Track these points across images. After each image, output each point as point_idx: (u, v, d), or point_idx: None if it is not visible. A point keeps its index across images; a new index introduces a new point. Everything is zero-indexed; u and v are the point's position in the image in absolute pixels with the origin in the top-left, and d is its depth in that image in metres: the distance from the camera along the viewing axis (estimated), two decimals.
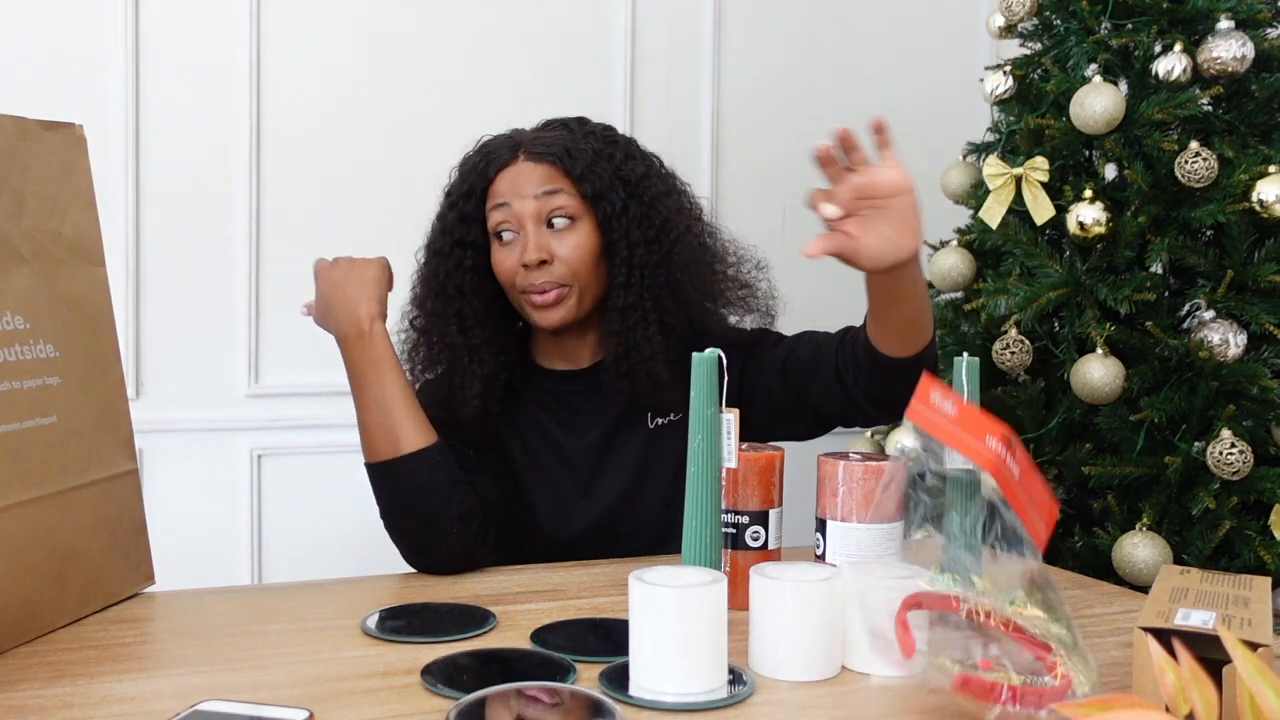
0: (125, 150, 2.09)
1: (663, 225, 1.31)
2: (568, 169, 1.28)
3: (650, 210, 1.31)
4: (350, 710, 0.80)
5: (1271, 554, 1.66)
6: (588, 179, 1.28)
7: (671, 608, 0.81)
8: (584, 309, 1.32)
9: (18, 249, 0.95)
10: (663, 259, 1.30)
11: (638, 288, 1.29)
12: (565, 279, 1.29)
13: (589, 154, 1.30)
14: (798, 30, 2.56)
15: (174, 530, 2.17)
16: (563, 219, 1.28)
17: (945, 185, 2.08)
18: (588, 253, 1.29)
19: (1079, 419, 1.82)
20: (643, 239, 1.30)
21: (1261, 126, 1.84)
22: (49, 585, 0.96)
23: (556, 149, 1.29)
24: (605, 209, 1.29)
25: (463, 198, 1.34)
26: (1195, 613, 0.75)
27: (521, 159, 1.30)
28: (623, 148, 1.35)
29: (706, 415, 0.98)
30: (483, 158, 1.33)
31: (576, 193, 1.29)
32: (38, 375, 0.95)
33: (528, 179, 1.29)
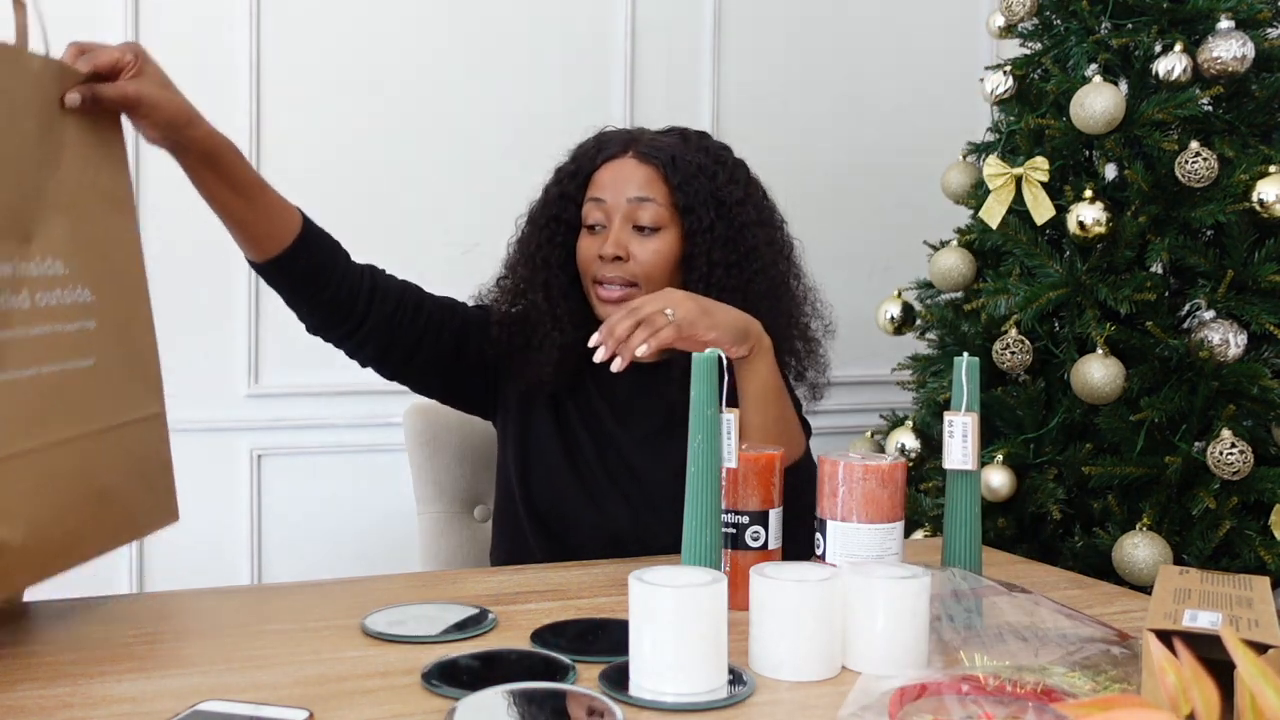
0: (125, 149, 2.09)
1: (747, 253, 1.34)
2: (668, 175, 1.33)
3: (737, 235, 1.34)
4: (350, 710, 0.80)
5: (1272, 554, 1.66)
6: (684, 189, 1.33)
7: (671, 608, 0.81)
8: None
9: (56, 197, 0.95)
10: (741, 285, 1.33)
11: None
12: (636, 278, 1.33)
13: (693, 166, 1.34)
14: (798, 30, 2.56)
15: (174, 530, 2.17)
16: (649, 225, 1.33)
17: (945, 185, 2.08)
18: (665, 259, 1.33)
19: (1079, 419, 1.82)
20: (724, 260, 1.33)
21: (1262, 126, 1.84)
22: (87, 519, 0.99)
23: (664, 154, 1.34)
24: (693, 222, 1.33)
25: (568, 177, 1.40)
26: (1203, 614, 0.75)
27: (630, 155, 1.36)
28: (729, 169, 1.38)
29: (706, 415, 0.98)
30: (596, 145, 1.40)
31: (670, 202, 1.33)
32: (76, 319, 0.97)
33: (628, 178, 1.34)
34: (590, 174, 1.38)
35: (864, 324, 2.18)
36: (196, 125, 1.06)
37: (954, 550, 1.06)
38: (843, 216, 2.56)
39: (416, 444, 1.65)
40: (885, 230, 2.56)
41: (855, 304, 2.10)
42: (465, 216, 2.29)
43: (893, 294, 2.10)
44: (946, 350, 2.02)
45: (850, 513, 1.03)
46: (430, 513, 1.63)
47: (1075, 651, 0.88)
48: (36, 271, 0.92)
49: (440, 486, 1.64)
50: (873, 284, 2.45)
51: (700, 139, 1.41)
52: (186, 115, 1.05)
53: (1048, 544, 1.84)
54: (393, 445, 2.04)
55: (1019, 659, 0.87)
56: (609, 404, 1.41)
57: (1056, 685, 0.80)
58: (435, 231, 2.28)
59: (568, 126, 2.39)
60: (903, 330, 2.10)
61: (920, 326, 2.08)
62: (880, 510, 1.03)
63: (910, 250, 2.21)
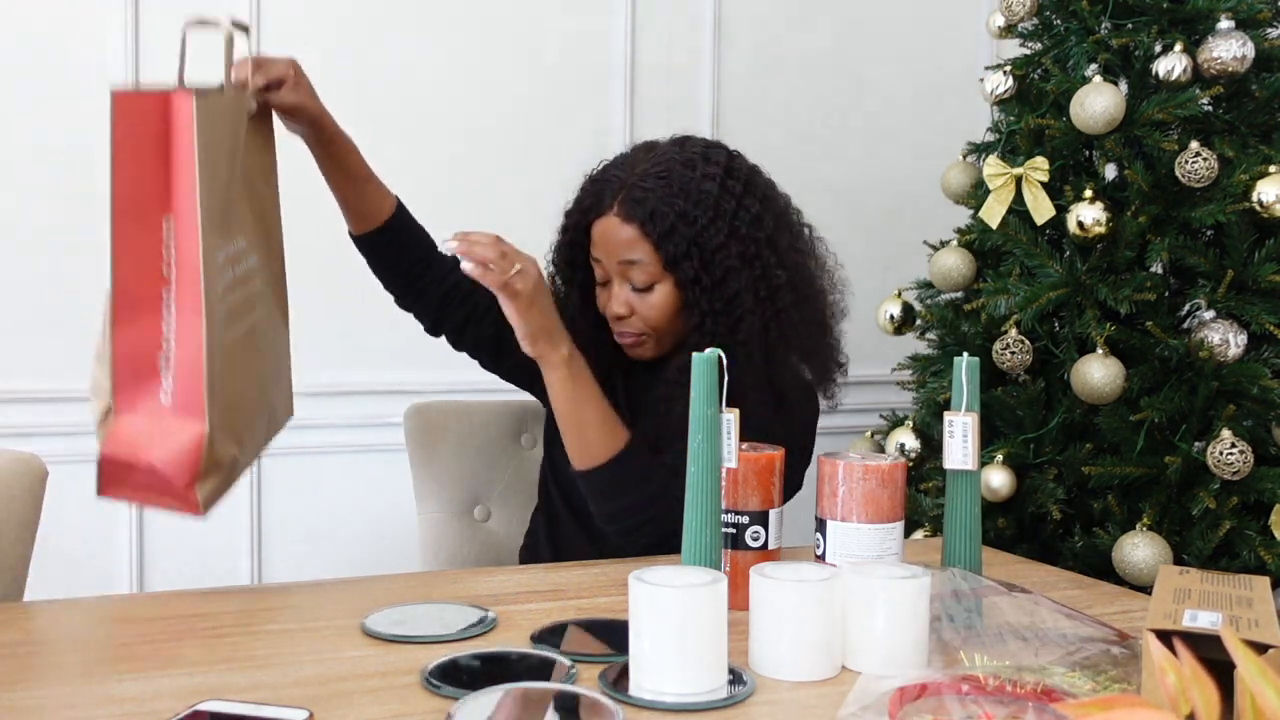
0: None
1: (730, 299, 1.35)
2: (648, 232, 1.34)
3: (721, 283, 1.35)
4: (350, 710, 0.80)
5: (1272, 554, 1.66)
6: (664, 245, 1.34)
7: (671, 608, 0.81)
8: (665, 348, 1.42)
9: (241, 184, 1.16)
10: (728, 330, 1.35)
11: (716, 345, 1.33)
12: (644, 330, 1.39)
13: (671, 216, 1.33)
14: (797, 30, 2.56)
15: (174, 530, 2.17)
16: (641, 286, 1.37)
17: (945, 185, 2.08)
18: (666, 310, 1.38)
19: (1079, 419, 1.82)
20: (711, 310, 1.35)
21: (1262, 126, 1.84)
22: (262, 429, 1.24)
23: (642, 211, 1.34)
24: (681, 275, 1.35)
25: (572, 227, 1.44)
26: (1203, 614, 0.75)
27: (614, 212, 1.36)
28: (712, 207, 1.35)
29: (706, 415, 0.98)
30: (590, 195, 1.41)
31: (656, 257, 1.35)
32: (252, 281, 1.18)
33: (615, 239, 1.36)
34: (587, 228, 1.41)
35: (864, 324, 2.18)
36: (328, 125, 1.34)
37: (954, 550, 1.06)
38: (843, 216, 2.55)
39: (416, 444, 1.65)
40: (885, 230, 2.56)
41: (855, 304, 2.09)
42: (465, 216, 2.27)
43: (893, 294, 2.10)
44: (946, 350, 2.02)
45: (850, 513, 1.03)
46: (430, 513, 1.63)
47: (1075, 651, 0.88)
48: (233, 250, 1.13)
49: (440, 486, 1.64)
50: (873, 284, 2.45)
51: (685, 171, 1.36)
52: (323, 118, 1.33)
53: (1048, 544, 1.84)
54: (393, 445, 2.04)
55: (1019, 659, 0.87)
56: (628, 398, 1.46)
57: (1056, 685, 0.80)
58: (435, 231, 2.27)
59: (567, 126, 2.40)
60: (903, 330, 2.10)
61: (920, 326, 2.08)
62: (880, 510, 1.03)
63: (910, 250, 2.21)
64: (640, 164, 1.39)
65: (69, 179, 2.08)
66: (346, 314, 2.04)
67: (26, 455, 1.22)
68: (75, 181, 2.08)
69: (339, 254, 2.38)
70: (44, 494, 1.23)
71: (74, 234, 2.09)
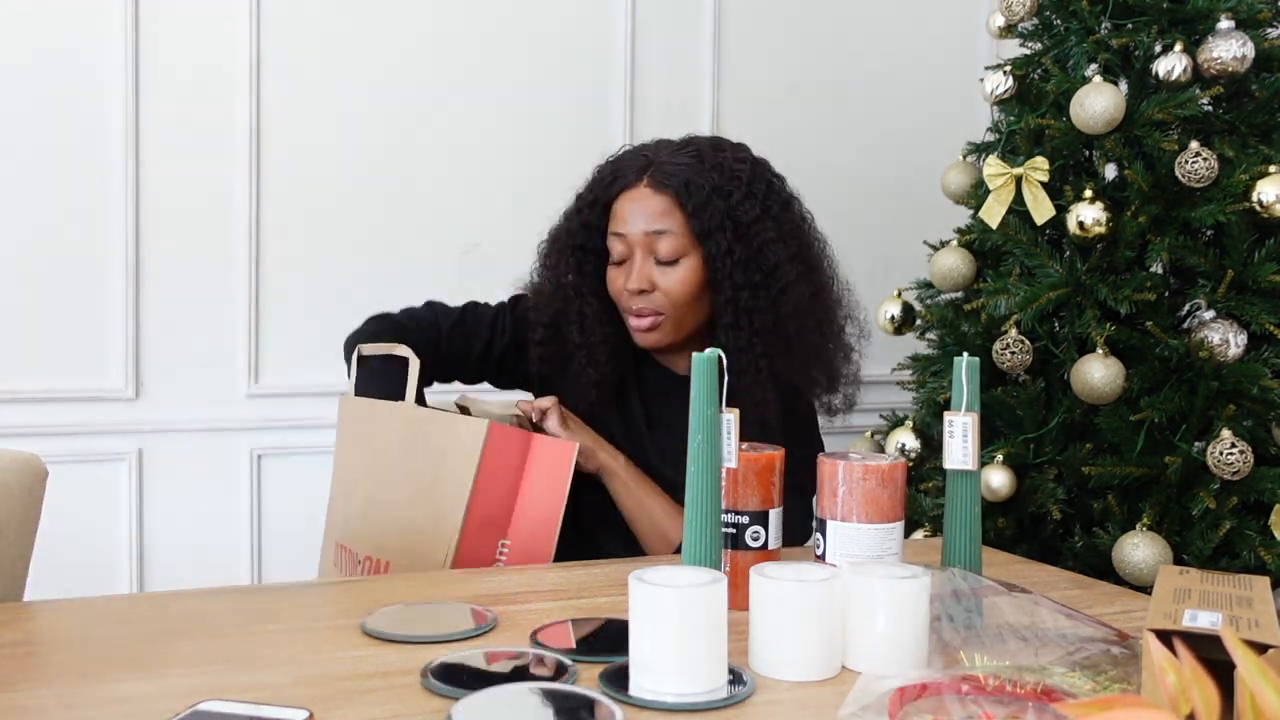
0: (125, 150, 2.09)
1: (770, 272, 1.34)
2: (682, 202, 1.33)
3: (757, 255, 1.34)
4: (350, 710, 0.80)
5: (1272, 554, 1.66)
6: (699, 215, 1.33)
7: (671, 608, 0.81)
8: (680, 335, 1.40)
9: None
10: (769, 305, 1.34)
11: (746, 331, 1.34)
12: (663, 308, 1.37)
13: (706, 189, 1.33)
14: (797, 30, 2.56)
15: (174, 530, 2.17)
16: (667, 258, 1.35)
17: (945, 185, 2.08)
18: (690, 286, 1.36)
19: (1079, 419, 1.82)
20: (747, 282, 1.34)
21: (1261, 126, 1.84)
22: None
23: (676, 181, 1.34)
24: (712, 248, 1.33)
25: (588, 206, 1.41)
26: (1203, 614, 0.75)
27: (645, 183, 1.36)
28: (745, 184, 1.36)
29: (706, 415, 0.98)
30: (613, 172, 1.39)
31: (687, 230, 1.34)
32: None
33: (644, 209, 1.35)
34: (609, 203, 1.39)
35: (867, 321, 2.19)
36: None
37: (954, 550, 1.06)
38: (843, 216, 2.54)
39: None
40: (885, 230, 2.56)
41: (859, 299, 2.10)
42: (465, 217, 2.29)
43: (893, 294, 2.10)
44: (946, 350, 2.02)
45: (850, 513, 1.03)
46: None
47: (1075, 651, 0.88)
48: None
49: None
50: (873, 284, 2.45)
51: (715, 153, 1.38)
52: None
53: (1048, 544, 1.84)
54: None
55: (1019, 659, 0.87)
56: (645, 410, 1.45)
57: (1056, 685, 0.80)
58: (435, 231, 2.28)
59: (568, 126, 2.40)
60: (903, 330, 2.10)
61: (920, 326, 2.08)
62: (880, 510, 1.03)
63: (910, 250, 2.21)
64: (665, 149, 1.40)
65: (69, 180, 2.08)
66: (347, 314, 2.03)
67: (26, 455, 1.22)
68: (76, 182, 2.09)
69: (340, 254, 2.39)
70: (44, 494, 1.23)
71: (74, 234, 2.09)
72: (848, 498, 1.03)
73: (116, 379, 2.11)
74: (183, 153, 2.13)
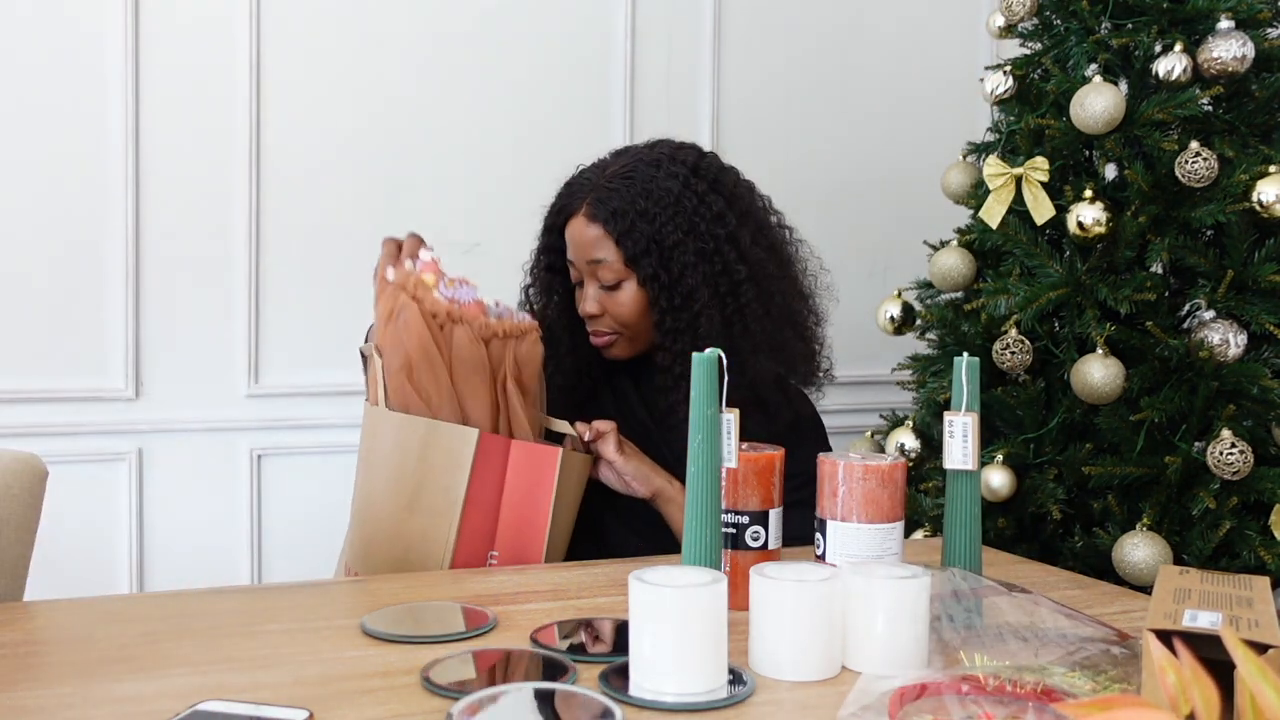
0: (125, 150, 2.09)
1: (688, 294, 1.38)
2: (610, 231, 1.38)
3: (678, 280, 1.38)
4: (350, 710, 0.80)
5: (1272, 554, 1.66)
6: (624, 243, 1.38)
7: (671, 608, 0.81)
8: (640, 347, 1.45)
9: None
10: (687, 326, 1.38)
11: (671, 350, 1.38)
12: (616, 329, 1.43)
13: (631, 215, 1.38)
14: (798, 30, 2.56)
15: (174, 530, 2.17)
16: (609, 284, 1.40)
17: (945, 185, 2.08)
18: (634, 308, 1.41)
19: (1079, 419, 1.82)
20: (670, 306, 1.38)
21: (1261, 126, 1.84)
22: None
23: (605, 210, 1.38)
24: (642, 271, 1.38)
25: (546, 231, 1.49)
26: (1203, 614, 0.75)
27: (583, 213, 1.41)
28: (672, 204, 1.38)
29: (706, 415, 0.98)
30: (561, 200, 1.45)
31: (619, 256, 1.39)
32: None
33: (583, 238, 1.40)
34: (561, 229, 1.45)
35: (864, 324, 2.18)
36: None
37: (954, 550, 1.06)
38: (843, 216, 2.56)
39: None
40: (885, 230, 2.56)
41: (855, 304, 2.10)
42: (465, 216, 2.29)
43: (893, 294, 2.10)
44: (946, 350, 2.02)
45: (850, 513, 1.03)
46: None
47: (1075, 651, 0.88)
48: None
49: None
50: (873, 284, 2.45)
51: (649, 170, 1.40)
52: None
53: (1048, 544, 1.84)
54: None
55: (1019, 659, 0.87)
56: (646, 403, 1.47)
57: (1056, 685, 0.80)
58: (435, 231, 2.27)
59: (568, 126, 2.40)
60: (903, 330, 2.10)
61: (920, 326, 2.08)
62: (880, 510, 1.03)
63: (910, 250, 2.21)
64: (611, 166, 1.43)
65: (70, 180, 2.08)
66: (348, 315, 2.03)
67: (26, 455, 1.22)
68: (76, 182, 2.09)
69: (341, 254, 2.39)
70: (44, 494, 1.23)
71: (74, 234, 2.09)
72: (848, 498, 1.03)
73: (116, 379, 2.11)
74: (183, 153, 2.13)
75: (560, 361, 1.47)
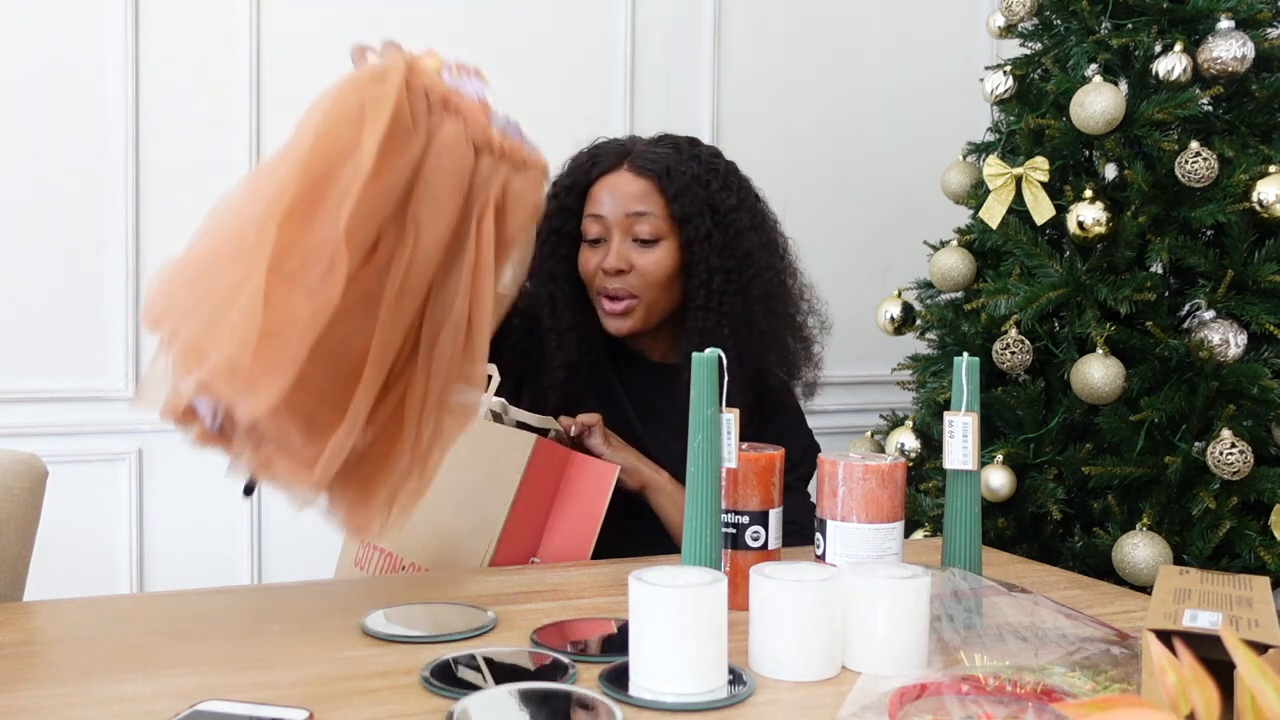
0: (125, 150, 2.09)
1: (744, 258, 1.38)
2: (664, 186, 1.37)
3: (733, 241, 1.37)
4: (350, 710, 0.80)
5: (1272, 554, 1.66)
6: (680, 200, 1.36)
7: (671, 608, 0.81)
8: (651, 321, 1.41)
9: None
10: (741, 289, 1.37)
11: (716, 313, 1.36)
12: (638, 290, 1.38)
13: (687, 176, 1.37)
14: (797, 30, 2.56)
15: (174, 530, 2.17)
16: (648, 238, 1.37)
17: (945, 185, 2.08)
18: (665, 269, 1.38)
19: (1079, 419, 1.82)
20: (722, 266, 1.37)
21: (1262, 126, 1.84)
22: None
23: (659, 165, 1.37)
24: (690, 232, 1.36)
25: (565, 190, 1.42)
26: (1203, 614, 0.75)
27: (625, 168, 1.39)
28: (721, 176, 1.41)
29: (706, 415, 0.98)
30: (591, 158, 1.42)
31: (667, 213, 1.37)
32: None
33: (625, 192, 1.38)
34: (587, 187, 1.41)
35: (864, 324, 2.18)
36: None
37: (954, 550, 1.06)
38: (843, 216, 2.56)
39: None
40: (885, 230, 2.56)
41: (855, 304, 2.10)
42: None
43: (893, 294, 2.10)
44: (946, 350, 2.02)
45: (850, 513, 1.03)
46: None
47: (1075, 651, 0.88)
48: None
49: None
50: (873, 284, 2.45)
51: (691, 146, 1.43)
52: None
53: (1048, 544, 1.84)
54: None
55: (1019, 659, 0.87)
56: (633, 402, 1.45)
57: (1056, 685, 0.80)
58: None
59: (568, 127, 2.39)
60: (903, 330, 2.10)
61: (920, 326, 2.08)
62: (880, 510, 1.03)
63: (910, 250, 2.21)
64: (640, 141, 1.44)
65: (70, 180, 2.08)
66: None
67: (26, 455, 1.22)
68: (76, 182, 2.09)
69: None
70: (44, 494, 1.23)
71: (74, 235, 2.09)
72: (848, 498, 1.03)
73: (116, 379, 2.11)
74: (183, 152, 2.13)
75: (563, 336, 1.41)
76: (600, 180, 1.40)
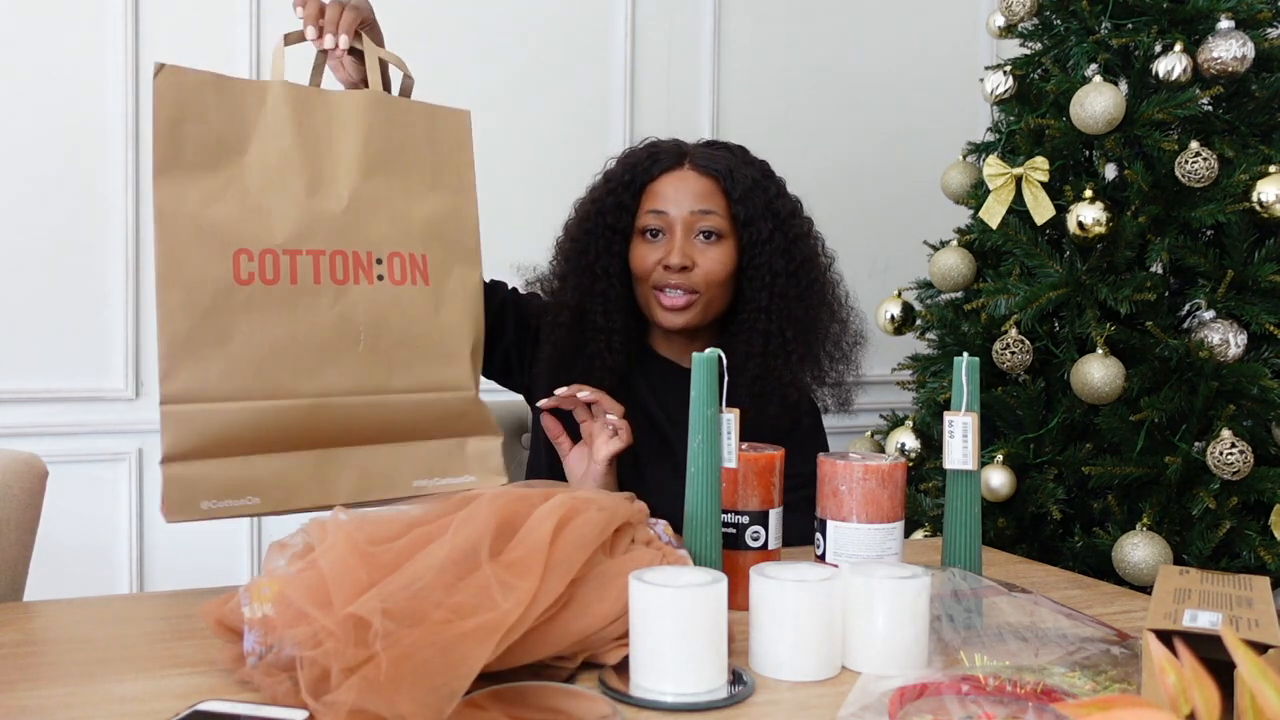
0: (125, 150, 2.09)
1: (804, 262, 1.40)
2: (728, 188, 1.38)
3: (793, 245, 1.40)
4: None
5: (1271, 554, 1.66)
6: (743, 202, 1.38)
7: (671, 608, 0.81)
8: (706, 318, 1.42)
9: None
10: (801, 293, 1.39)
11: (778, 315, 1.38)
12: (698, 287, 1.38)
13: (749, 180, 1.39)
14: (798, 30, 2.56)
15: (174, 530, 2.17)
16: (711, 234, 1.38)
17: (945, 185, 2.08)
18: (725, 268, 1.39)
19: (1079, 419, 1.82)
20: (785, 269, 1.38)
21: (1261, 126, 1.84)
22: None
23: (721, 167, 1.39)
24: (752, 234, 1.38)
25: (622, 186, 1.41)
26: (1203, 614, 0.75)
27: (687, 167, 1.40)
28: (777, 183, 1.44)
29: (706, 415, 0.98)
30: (649, 155, 1.42)
31: (729, 214, 1.39)
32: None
33: (689, 189, 1.39)
34: (645, 184, 1.41)
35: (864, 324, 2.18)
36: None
37: (954, 550, 1.06)
38: (843, 216, 2.55)
39: None
40: (885, 230, 2.56)
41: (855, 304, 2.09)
42: None
43: (893, 294, 2.11)
44: (946, 350, 2.02)
45: (850, 513, 1.03)
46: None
47: (1075, 651, 0.88)
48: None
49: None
50: (873, 284, 2.45)
51: (743, 153, 1.45)
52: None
53: (1048, 544, 1.84)
54: None
55: (1019, 659, 0.87)
56: (656, 397, 1.45)
57: (1056, 685, 0.80)
58: None
59: (568, 127, 2.40)
60: (903, 330, 2.10)
61: (920, 326, 2.08)
62: (880, 510, 1.03)
63: (910, 250, 2.21)
64: (690, 144, 1.45)
65: (70, 180, 2.08)
66: None
67: (26, 455, 1.22)
68: (76, 182, 2.09)
69: None
70: (44, 494, 1.23)
71: (74, 234, 2.09)
72: (848, 498, 1.03)
73: (116, 379, 2.11)
74: None
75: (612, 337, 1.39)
76: (662, 177, 1.40)
